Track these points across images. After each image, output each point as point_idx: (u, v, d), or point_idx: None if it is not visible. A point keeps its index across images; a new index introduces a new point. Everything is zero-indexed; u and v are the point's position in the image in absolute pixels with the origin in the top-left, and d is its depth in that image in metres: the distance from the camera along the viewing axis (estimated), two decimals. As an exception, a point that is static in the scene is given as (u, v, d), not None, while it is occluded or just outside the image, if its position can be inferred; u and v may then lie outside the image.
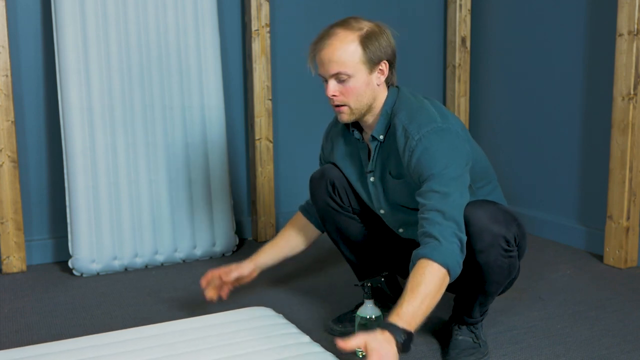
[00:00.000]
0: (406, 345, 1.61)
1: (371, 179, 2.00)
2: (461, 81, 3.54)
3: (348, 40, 1.82)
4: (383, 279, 2.05)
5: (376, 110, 1.92)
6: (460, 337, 1.99)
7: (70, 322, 2.28)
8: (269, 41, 3.08)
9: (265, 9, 3.06)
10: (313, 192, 2.14)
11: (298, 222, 2.25)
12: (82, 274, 2.75)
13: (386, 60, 1.87)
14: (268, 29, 3.08)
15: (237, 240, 3.07)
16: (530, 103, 3.30)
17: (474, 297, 1.94)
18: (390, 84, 1.94)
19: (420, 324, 1.67)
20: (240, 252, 3.02)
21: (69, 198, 2.74)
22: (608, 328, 2.19)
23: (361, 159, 2.03)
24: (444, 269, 1.69)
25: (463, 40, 3.50)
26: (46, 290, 2.58)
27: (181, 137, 2.90)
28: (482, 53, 3.53)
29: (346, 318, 2.18)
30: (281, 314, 2.11)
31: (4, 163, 2.71)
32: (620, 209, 2.75)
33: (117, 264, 2.79)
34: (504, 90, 3.44)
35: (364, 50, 1.83)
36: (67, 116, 2.71)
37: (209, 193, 2.97)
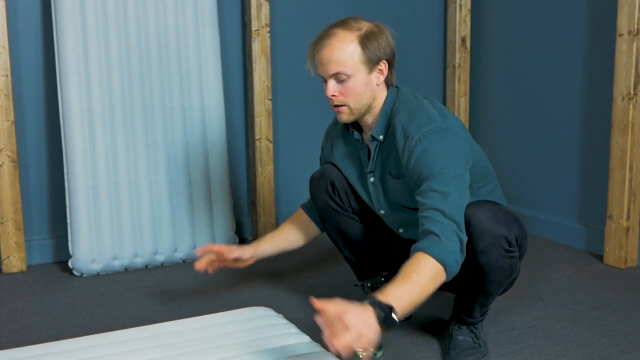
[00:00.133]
0: (388, 321, 1.52)
1: (371, 179, 2.00)
2: (461, 81, 3.54)
3: (347, 40, 1.82)
4: (383, 279, 2.05)
5: (376, 111, 1.92)
6: (460, 337, 1.99)
7: (70, 322, 2.28)
8: (269, 41, 3.08)
9: (265, 9, 3.06)
10: (313, 193, 2.14)
11: (300, 219, 2.25)
12: (82, 274, 2.75)
13: (385, 60, 1.87)
14: (268, 29, 3.08)
15: (237, 240, 3.07)
16: (530, 103, 3.30)
17: (474, 297, 1.94)
18: (390, 84, 1.94)
19: (407, 311, 1.59)
20: (240, 252, 3.02)
21: (69, 198, 2.74)
22: (608, 328, 2.19)
23: (361, 160, 2.03)
24: (440, 265, 1.67)
25: (463, 40, 3.50)
26: (46, 290, 2.58)
27: (181, 137, 2.90)
28: (482, 53, 3.53)
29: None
30: (281, 314, 2.11)
31: (4, 163, 2.71)
32: (620, 209, 2.75)
33: (117, 264, 2.79)
34: (504, 90, 3.44)
35: (363, 50, 1.83)
36: (67, 116, 2.71)
37: (209, 193, 2.97)
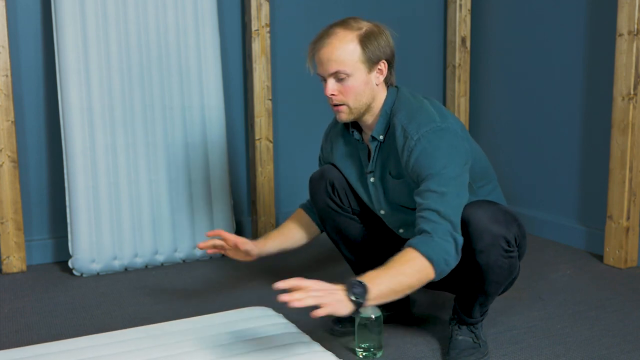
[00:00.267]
0: (357, 293, 1.63)
1: (371, 180, 2.00)
2: (461, 81, 3.54)
3: (347, 39, 1.82)
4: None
5: (375, 111, 1.92)
6: (460, 337, 1.99)
7: (70, 322, 2.28)
8: (269, 41, 3.08)
9: (265, 9, 3.06)
10: (312, 193, 2.14)
11: (301, 218, 2.23)
12: (82, 274, 2.75)
13: (385, 60, 1.87)
14: (268, 29, 3.08)
15: (237, 240, 3.07)
16: (530, 103, 3.30)
17: (474, 297, 1.94)
18: (390, 84, 1.94)
19: (384, 296, 1.66)
20: (240, 252, 3.02)
21: (69, 198, 2.74)
22: (608, 328, 2.19)
23: (361, 160, 2.03)
24: (427, 261, 1.69)
25: (463, 40, 3.50)
26: (46, 290, 2.58)
27: (181, 137, 2.90)
28: (482, 53, 3.53)
29: (346, 318, 2.18)
30: (281, 314, 2.11)
31: (4, 163, 2.71)
32: (620, 209, 2.75)
33: (117, 264, 2.79)
34: (504, 90, 3.44)
35: (363, 50, 1.83)
36: (67, 116, 2.71)
37: (209, 193, 2.96)
